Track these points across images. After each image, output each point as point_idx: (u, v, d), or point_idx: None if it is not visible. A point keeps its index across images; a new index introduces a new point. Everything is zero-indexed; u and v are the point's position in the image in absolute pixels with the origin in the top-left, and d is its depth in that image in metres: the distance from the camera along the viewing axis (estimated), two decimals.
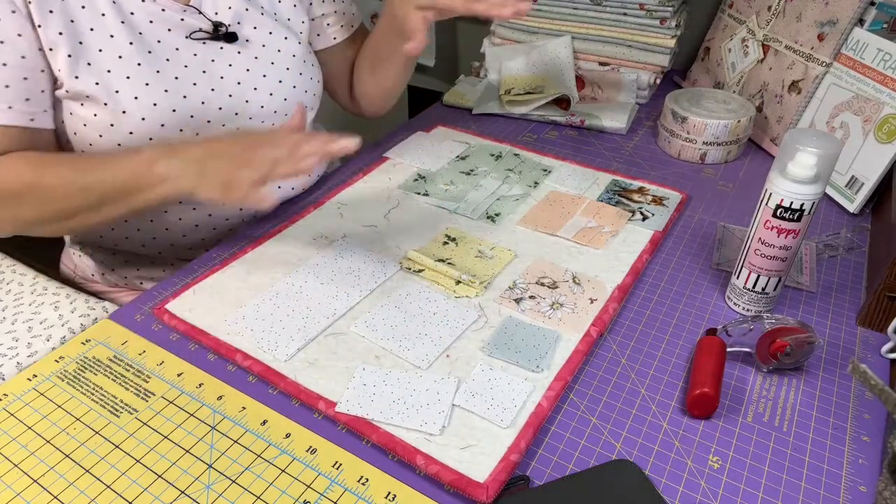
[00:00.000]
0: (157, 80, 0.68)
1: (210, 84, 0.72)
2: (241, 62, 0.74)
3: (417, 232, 0.76)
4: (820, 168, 0.56)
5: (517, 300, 0.66)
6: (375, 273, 0.69)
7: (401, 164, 0.90)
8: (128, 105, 0.67)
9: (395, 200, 0.82)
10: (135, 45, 0.67)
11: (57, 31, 0.64)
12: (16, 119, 0.64)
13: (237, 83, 0.74)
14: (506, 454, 0.50)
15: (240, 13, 0.74)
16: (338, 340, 0.61)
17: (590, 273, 0.70)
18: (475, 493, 0.47)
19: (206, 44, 0.72)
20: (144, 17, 0.68)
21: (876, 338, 0.63)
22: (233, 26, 0.74)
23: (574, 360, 0.59)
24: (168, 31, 0.70)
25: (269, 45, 0.76)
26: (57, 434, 0.53)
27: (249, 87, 0.74)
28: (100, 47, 0.66)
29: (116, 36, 0.66)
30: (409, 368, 0.58)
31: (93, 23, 0.66)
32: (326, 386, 0.56)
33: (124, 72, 0.67)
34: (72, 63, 0.65)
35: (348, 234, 0.75)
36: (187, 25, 0.71)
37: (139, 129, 0.68)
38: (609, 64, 1.10)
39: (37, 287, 0.73)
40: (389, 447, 0.51)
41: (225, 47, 0.73)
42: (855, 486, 0.49)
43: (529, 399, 0.55)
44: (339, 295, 0.66)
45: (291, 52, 0.78)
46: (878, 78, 0.80)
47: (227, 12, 0.73)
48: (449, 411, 0.54)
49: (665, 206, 0.81)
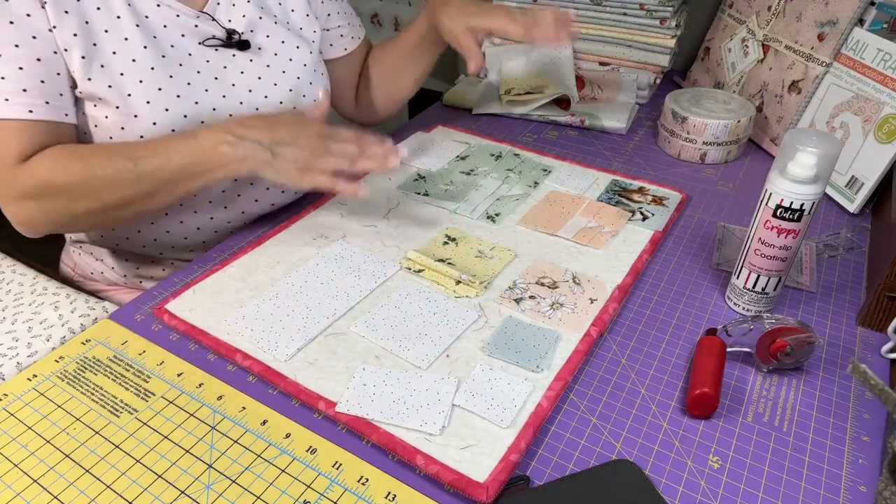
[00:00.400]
0: (170, 85, 0.68)
1: (221, 91, 0.72)
2: (252, 70, 0.74)
3: (417, 232, 0.76)
4: (820, 168, 0.56)
5: (517, 300, 0.66)
6: (375, 273, 0.69)
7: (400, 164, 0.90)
8: (139, 109, 0.67)
9: (395, 200, 0.82)
10: (149, 49, 0.67)
11: (72, 33, 0.63)
12: (51, 114, 0.64)
13: (248, 91, 0.74)
14: (506, 454, 0.50)
15: (253, 21, 0.74)
16: (338, 340, 0.61)
17: (590, 273, 0.70)
18: (475, 493, 0.47)
19: (218, 50, 0.72)
20: (159, 21, 0.68)
21: (876, 338, 0.63)
22: (246, 34, 0.74)
23: (574, 360, 0.59)
24: (182, 36, 0.70)
25: (282, 53, 0.76)
26: (57, 434, 0.53)
27: (260, 94, 0.74)
28: (114, 49, 0.66)
29: (131, 39, 0.66)
30: (409, 368, 0.58)
31: (108, 24, 0.66)
32: (326, 386, 0.56)
33: (137, 75, 0.66)
34: (85, 64, 0.64)
35: (348, 234, 0.75)
36: (201, 32, 0.71)
37: (150, 132, 0.67)
38: (609, 64, 1.10)
39: (37, 287, 0.73)
40: (389, 447, 0.51)
41: (237, 55, 0.73)
42: (855, 486, 0.49)
43: (529, 399, 0.55)
44: (339, 295, 0.66)
45: (303, 61, 0.78)
46: (878, 78, 0.80)
47: (240, 20, 0.73)
48: (449, 411, 0.54)
49: (665, 207, 0.81)
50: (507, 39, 1.17)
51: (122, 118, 0.66)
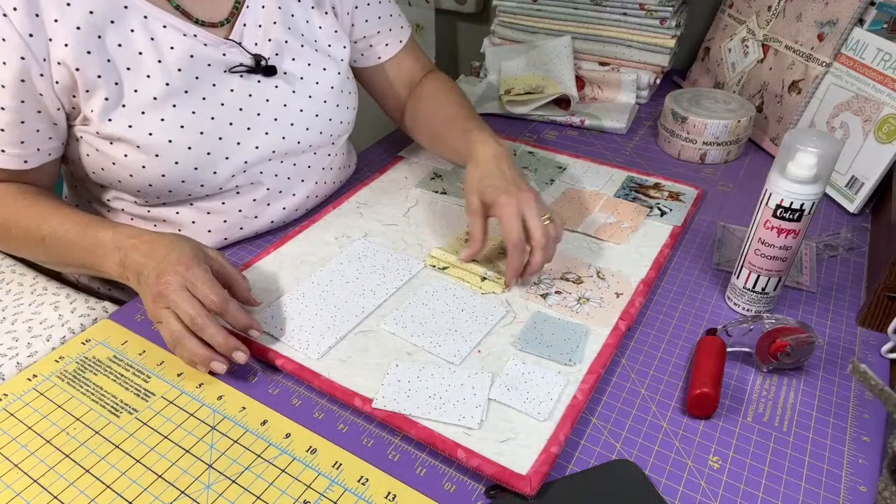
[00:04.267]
0: (193, 123, 0.66)
1: (247, 122, 0.70)
2: (278, 97, 0.71)
3: (438, 229, 0.76)
4: (820, 168, 0.56)
5: (543, 295, 0.66)
6: (400, 271, 0.69)
7: (416, 163, 0.91)
8: (161, 149, 0.65)
9: (414, 199, 0.82)
10: (171, 86, 0.65)
11: (96, 74, 0.61)
12: (9, 163, 0.64)
13: (274, 119, 0.71)
14: (546, 446, 0.51)
15: (279, 44, 0.71)
16: (368, 338, 0.61)
17: (613, 268, 0.70)
18: (518, 485, 0.48)
19: (243, 76, 0.69)
20: (185, 52, 0.65)
21: (876, 338, 0.63)
22: (272, 59, 0.71)
23: (605, 353, 0.59)
24: (208, 66, 0.67)
25: (308, 77, 0.73)
26: (57, 434, 0.53)
27: (286, 123, 0.72)
28: (135, 87, 0.63)
29: (153, 76, 0.64)
30: (441, 364, 0.58)
31: (129, 61, 0.63)
32: (361, 383, 0.56)
33: (159, 114, 0.64)
34: (107, 106, 0.62)
35: (369, 233, 0.76)
36: (227, 61, 0.68)
37: (172, 172, 0.66)
38: (609, 64, 1.10)
39: (37, 287, 0.73)
40: (429, 442, 0.51)
41: (263, 81, 0.70)
42: (855, 486, 0.49)
43: (564, 392, 0.55)
44: (366, 293, 0.66)
45: (330, 83, 0.75)
46: (878, 78, 0.80)
47: (266, 44, 0.71)
48: (486, 405, 0.54)
49: (682, 202, 0.82)
50: (506, 40, 1.17)
51: (142, 157, 0.65)
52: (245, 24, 0.70)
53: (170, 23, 0.65)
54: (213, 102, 0.67)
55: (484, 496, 0.49)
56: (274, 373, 0.59)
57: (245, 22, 0.70)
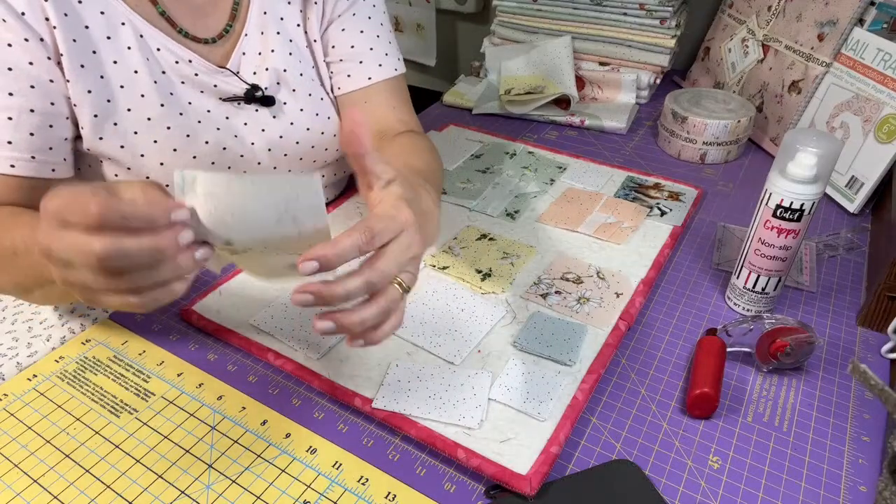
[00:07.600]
0: (186, 146, 0.65)
1: (240, 150, 0.69)
2: (274, 127, 0.70)
3: None
4: (820, 168, 0.56)
5: (543, 295, 0.66)
6: None
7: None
8: (152, 171, 0.63)
9: None
10: (165, 108, 0.63)
11: (86, 89, 0.59)
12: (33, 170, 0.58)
13: (268, 150, 0.70)
14: (546, 446, 0.51)
15: (278, 73, 0.69)
16: None
17: (613, 268, 0.70)
18: (518, 485, 0.48)
19: (240, 104, 0.68)
20: (177, 77, 0.64)
21: (876, 338, 0.63)
22: (270, 88, 0.69)
23: (605, 353, 0.59)
24: (200, 93, 0.66)
25: (307, 108, 0.72)
26: (57, 434, 0.53)
27: (280, 153, 0.71)
28: (129, 107, 0.62)
29: (147, 96, 0.62)
30: (441, 364, 0.58)
31: (124, 80, 0.61)
32: (361, 382, 0.56)
33: (151, 135, 0.63)
34: (97, 123, 0.61)
35: None
36: (220, 91, 0.67)
37: None
38: (609, 64, 1.10)
39: None
40: (429, 442, 0.51)
41: (259, 110, 0.69)
42: (855, 486, 0.49)
43: (564, 392, 0.55)
44: None
45: (327, 113, 0.73)
46: (878, 78, 0.80)
47: (264, 74, 0.69)
48: (486, 405, 0.54)
49: (682, 202, 0.82)
50: (506, 40, 1.17)
51: (133, 178, 0.63)
52: (244, 52, 0.68)
53: (164, 45, 0.63)
54: (207, 128, 0.66)
55: (484, 496, 0.49)
56: (274, 373, 0.59)
57: (244, 51, 0.68)
